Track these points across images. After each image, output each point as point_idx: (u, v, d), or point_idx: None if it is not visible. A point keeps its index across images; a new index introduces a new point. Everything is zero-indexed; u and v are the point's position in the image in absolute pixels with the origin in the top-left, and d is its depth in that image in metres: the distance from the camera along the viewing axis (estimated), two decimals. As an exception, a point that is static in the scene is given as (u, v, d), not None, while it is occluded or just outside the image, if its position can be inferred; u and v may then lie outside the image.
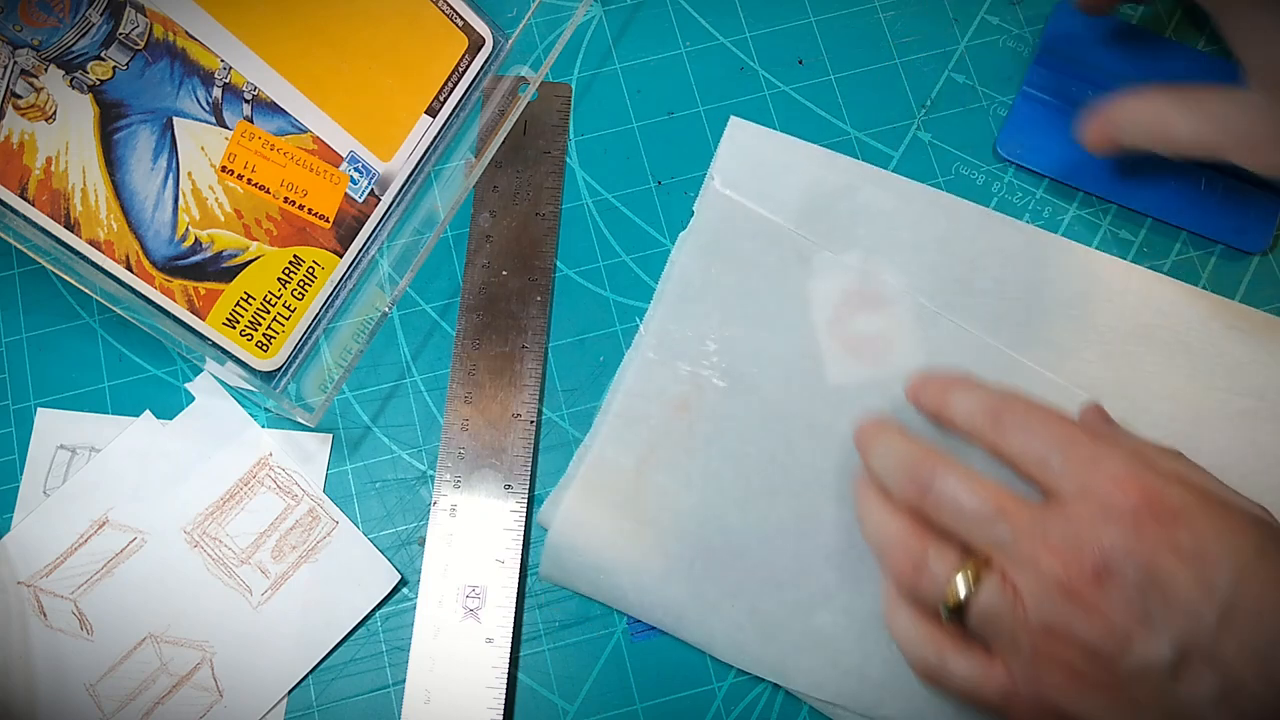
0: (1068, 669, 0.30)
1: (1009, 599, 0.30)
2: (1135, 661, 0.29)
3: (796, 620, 0.38)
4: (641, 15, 0.45)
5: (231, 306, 0.39)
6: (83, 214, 0.37)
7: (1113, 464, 0.31)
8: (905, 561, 0.32)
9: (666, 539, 0.39)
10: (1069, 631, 0.29)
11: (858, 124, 0.44)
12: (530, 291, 0.42)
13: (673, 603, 0.38)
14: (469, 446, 0.40)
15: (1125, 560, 0.29)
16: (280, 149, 0.40)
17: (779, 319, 0.40)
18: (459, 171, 0.43)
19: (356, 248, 0.41)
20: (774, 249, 0.41)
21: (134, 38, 0.38)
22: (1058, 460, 0.31)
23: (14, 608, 0.39)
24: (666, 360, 0.40)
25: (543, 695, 0.39)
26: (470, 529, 0.39)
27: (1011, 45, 0.45)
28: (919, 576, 0.32)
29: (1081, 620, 0.29)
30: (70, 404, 0.41)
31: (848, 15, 0.45)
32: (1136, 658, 0.29)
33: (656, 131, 0.44)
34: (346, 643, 0.39)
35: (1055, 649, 0.30)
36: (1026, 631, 0.30)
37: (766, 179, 0.42)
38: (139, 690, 0.38)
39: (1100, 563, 0.29)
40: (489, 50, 0.43)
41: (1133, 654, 0.29)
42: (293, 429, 0.41)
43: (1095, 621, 0.29)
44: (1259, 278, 0.42)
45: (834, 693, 0.37)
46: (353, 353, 0.41)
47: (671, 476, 0.39)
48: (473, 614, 0.38)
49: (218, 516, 0.40)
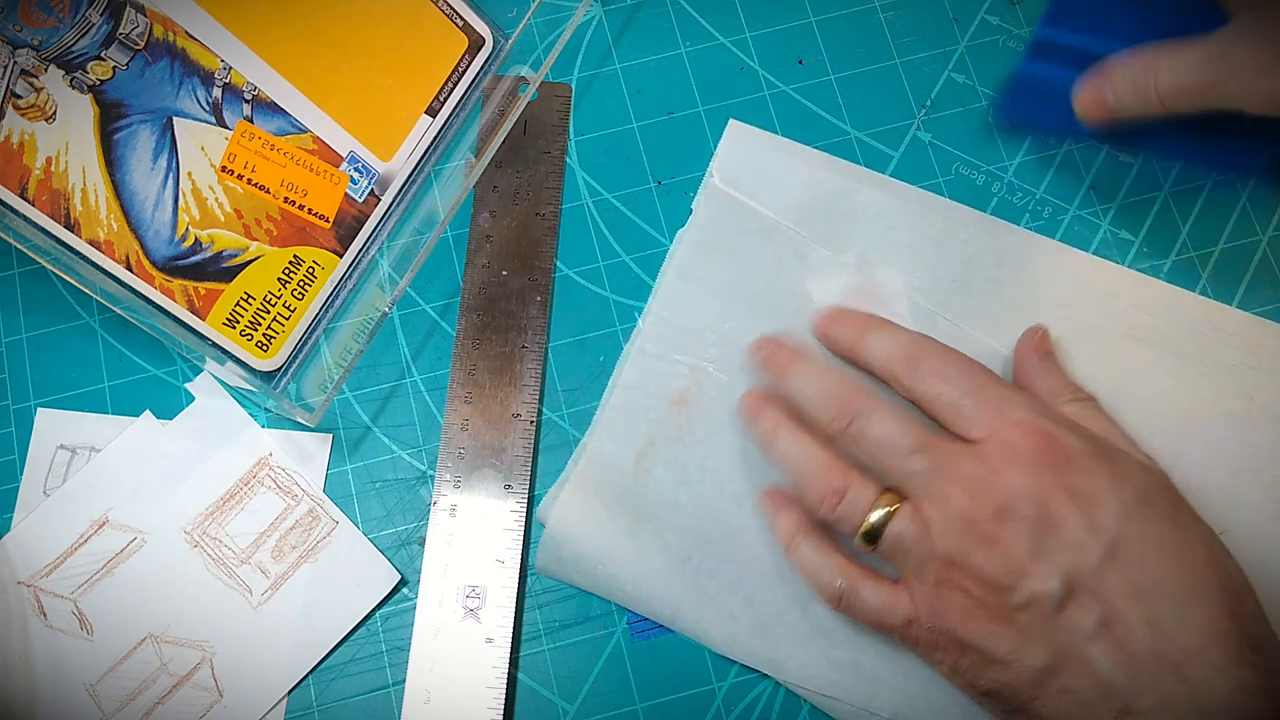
0: (966, 597, 0.32)
1: (920, 529, 0.33)
2: (1025, 593, 0.31)
3: (791, 613, 0.38)
4: (641, 15, 0.45)
5: (231, 306, 0.39)
6: (83, 214, 0.37)
7: (1017, 411, 0.33)
8: (827, 490, 0.35)
9: (663, 532, 0.39)
10: (969, 562, 0.32)
11: (858, 124, 0.44)
12: (530, 291, 0.42)
13: (669, 595, 0.38)
14: (469, 446, 0.40)
15: (1022, 499, 0.32)
16: (280, 149, 0.40)
17: (777, 314, 0.41)
18: (459, 171, 0.43)
19: (356, 248, 0.41)
20: (772, 246, 0.41)
21: (134, 38, 0.38)
22: (969, 405, 0.34)
23: (14, 608, 0.39)
24: (664, 354, 0.40)
25: (543, 695, 0.39)
26: (470, 529, 0.39)
27: (1011, 45, 0.45)
28: (837, 504, 0.34)
29: (981, 552, 0.32)
30: (70, 404, 0.41)
31: (848, 15, 0.45)
32: (1027, 589, 0.31)
33: (656, 131, 0.44)
34: (346, 643, 0.39)
35: (956, 578, 0.32)
36: (933, 560, 0.33)
37: (765, 179, 0.42)
38: (139, 690, 0.38)
39: (1002, 501, 0.32)
40: (489, 50, 0.43)
41: (1024, 586, 0.31)
42: (293, 429, 0.41)
43: (994, 554, 0.32)
44: (1258, 278, 0.42)
45: (828, 684, 0.37)
46: (353, 353, 0.41)
47: (669, 470, 0.39)
48: (473, 614, 0.38)
49: (218, 516, 0.40)
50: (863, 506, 0.34)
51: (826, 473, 0.35)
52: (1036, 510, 0.31)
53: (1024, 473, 0.32)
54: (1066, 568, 0.31)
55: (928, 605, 0.33)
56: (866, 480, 0.35)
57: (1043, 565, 0.31)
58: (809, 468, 0.35)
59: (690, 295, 0.41)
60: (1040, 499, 0.32)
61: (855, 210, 0.42)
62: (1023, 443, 0.32)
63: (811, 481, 0.35)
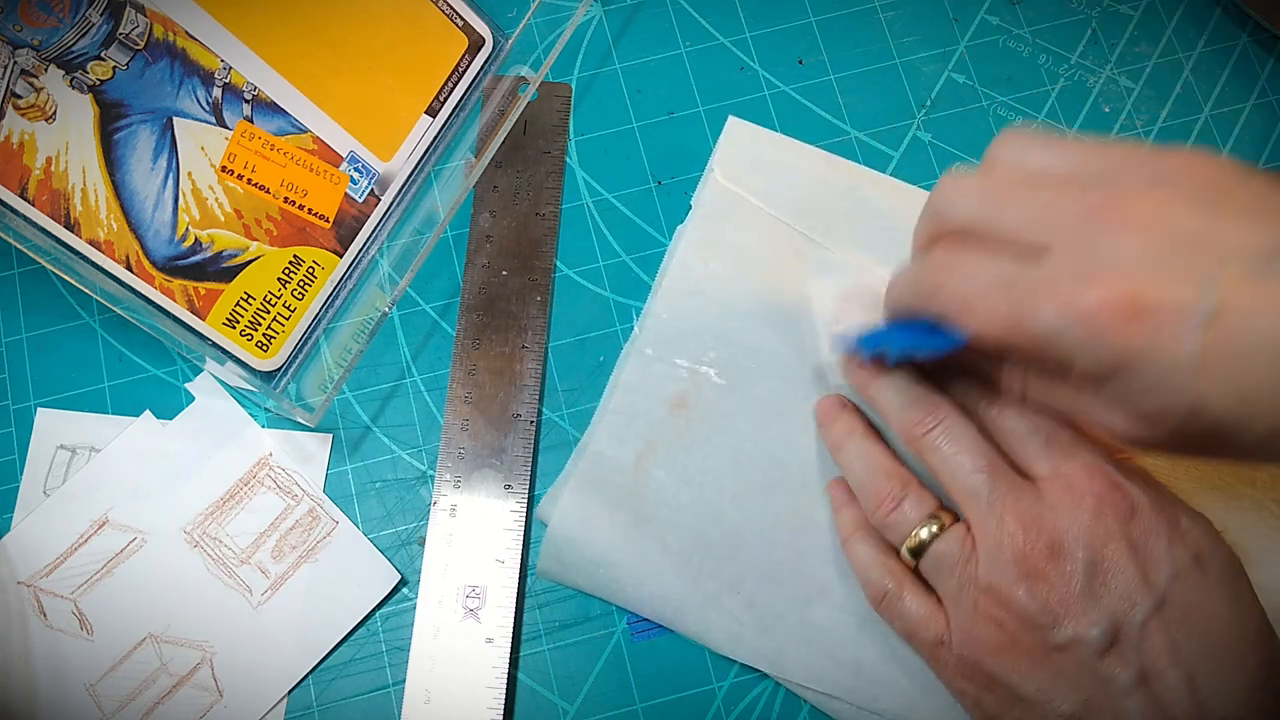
0: (1000, 630, 0.32)
1: (966, 552, 0.33)
2: (1066, 634, 0.31)
3: (794, 613, 0.38)
4: (641, 15, 0.45)
5: (231, 306, 0.39)
6: (83, 214, 0.37)
7: (1085, 455, 0.33)
8: (885, 494, 0.35)
9: (665, 534, 0.39)
10: (1011, 595, 0.31)
11: (858, 124, 0.44)
12: (530, 291, 0.42)
13: (671, 596, 0.38)
14: (469, 446, 0.40)
15: (1078, 541, 0.31)
16: (280, 149, 0.40)
17: (777, 314, 0.40)
18: (459, 171, 0.43)
19: (356, 248, 0.41)
20: (771, 244, 0.41)
21: (134, 38, 0.38)
22: (1038, 441, 0.33)
23: (14, 608, 0.39)
24: (664, 356, 0.40)
25: (543, 695, 0.39)
26: (470, 529, 0.39)
27: (1011, 45, 0.45)
28: (891, 511, 0.34)
29: (1024, 587, 0.31)
30: (70, 404, 0.41)
31: (848, 15, 0.45)
32: (1068, 631, 0.30)
33: (656, 131, 0.44)
34: (346, 643, 0.39)
35: (994, 609, 0.32)
36: (973, 586, 0.32)
37: (765, 176, 0.42)
38: (139, 690, 0.38)
39: (1056, 539, 0.31)
40: (489, 50, 0.43)
41: (1065, 627, 0.31)
42: (293, 429, 0.41)
43: (1037, 591, 0.31)
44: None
45: (831, 685, 0.37)
46: (353, 353, 0.41)
47: (670, 472, 0.39)
48: (473, 614, 0.38)
49: (218, 516, 0.40)
50: (915, 518, 0.34)
51: (888, 479, 0.35)
52: (1091, 555, 0.31)
53: (1085, 515, 0.31)
54: (1113, 616, 0.30)
55: (960, 631, 0.33)
56: (925, 493, 0.35)
57: (1090, 610, 0.30)
58: (872, 470, 0.36)
59: (689, 297, 0.41)
60: (1097, 544, 0.31)
61: (855, 208, 0.42)
62: (1088, 485, 0.31)
63: (871, 484, 0.35)
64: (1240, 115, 0.44)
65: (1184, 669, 0.30)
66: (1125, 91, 0.44)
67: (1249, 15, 0.44)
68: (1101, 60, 0.45)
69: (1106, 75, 0.44)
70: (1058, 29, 0.45)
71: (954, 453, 0.34)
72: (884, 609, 0.35)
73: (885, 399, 0.36)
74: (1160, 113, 0.44)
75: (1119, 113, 0.44)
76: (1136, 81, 0.44)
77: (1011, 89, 0.44)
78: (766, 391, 0.40)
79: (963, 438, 0.34)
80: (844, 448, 0.37)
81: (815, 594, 0.38)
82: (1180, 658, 0.30)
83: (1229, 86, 0.44)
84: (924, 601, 0.34)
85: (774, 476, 0.39)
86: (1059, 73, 0.44)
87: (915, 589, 0.35)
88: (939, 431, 0.34)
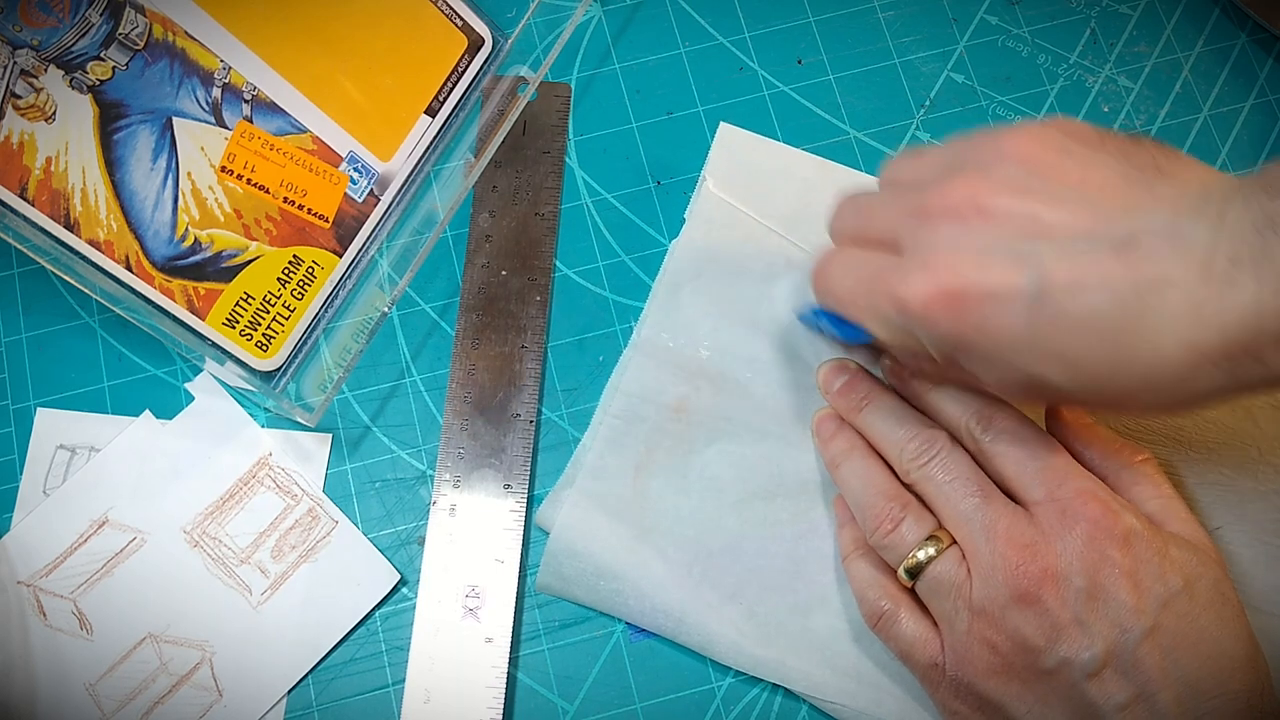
0: (993, 653, 0.32)
1: (961, 575, 0.33)
2: (1058, 657, 0.31)
3: (794, 622, 0.38)
4: (641, 15, 0.45)
5: (231, 306, 0.39)
6: (82, 214, 0.37)
7: (1080, 480, 0.33)
8: (884, 515, 0.35)
9: (665, 543, 0.39)
10: (1004, 619, 0.32)
11: (857, 124, 0.44)
12: (530, 291, 0.42)
13: (672, 607, 0.38)
14: (468, 446, 0.40)
15: (1071, 567, 0.31)
16: (280, 149, 0.40)
17: (772, 323, 0.40)
18: (458, 171, 0.43)
19: (356, 248, 0.41)
20: (765, 255, 0.41)
21: (134, 38, 0.38)
22: (1033, 468, 0.33)
23: (14, 608, 0.39)
24: (662, 364, 0.40)
25: (542, 695, 0.39)
26: (470, 529, 0.39)
27: (1011, 45, 0.45)
28: (890, 532, 0.34)
29: (1018, 611, 0.31)
30: (70, 404, 0.41)
31: (847, 15, 0.45)
32: (1060, 653, 0.31)
33: (656, 132, 0.44)
34: (346, 642, 0.39)
35: (987, 633, 0.32)
36: (967, 609, 0.33)
37: (757, 184, 0.42)
38: (139, 690, 0.38)
39: (1050, 565, 0.31)
40: (488, 50, 0.43)
41: (1057, 650, 0.31)
42: (292, 429, 0.41)
43: (1031, 615, 0.31)
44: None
45: (833, 693, 0.37)
46: (352, 353, 0.41)
47: (668, 481, 0.39)
48: (472, 613, 0.38)
49: (217, 516, 0.40)
50: (913, 540, 0.34)
51: (887, 500, 0.35)
52: (1084, 580, 0.31)
53: (1078, 540, 0.31)
54: (1105, 640, 0.31)
55: (954, 653, 0.33)
56: (924, 514, 0.34)
57: (1081, 634, 0.31)
58: (871, 490, 0.36)
59: (685, 308, 0.41)
60: (1090, 569, 0.31)
61: None
62: (1081, 511, 0.32)
63: (870, 505, 0.35)
64: (1239, 115, 0.44)
65: (1173, 692, 0.30)
66: (1124, 91, 0.44)
67: (1248, 15, 0.44)
68: (1100, 60, 0.45)
69: (1105, 75, 0.45)
70: (1057, 29, 0.45)
71: (948, 480, 0.34)
72: (880, 629, 0.35)
73: (877, 430, 0.36)
74: (1159, 112, 0.44)
75: (1118, 112, 0.44)
76: (1135, 81, 0.44)
77: (1011, 89, 0.44)
78: (764, 397, 0.40)
79: (956, 465, 0.34)
80: (842, 466, 0.37)
81: (815, 602, 0.38)
82: (1170, 681, 0.30)
83: (1228, 86, 0.44)
84: (920, 623, 0.34)
85: (773, 484, 0.39)
86: (1058, 72, 0.45)
87: (912, 610, 0.35)
88: (934, 463, 0.34)
